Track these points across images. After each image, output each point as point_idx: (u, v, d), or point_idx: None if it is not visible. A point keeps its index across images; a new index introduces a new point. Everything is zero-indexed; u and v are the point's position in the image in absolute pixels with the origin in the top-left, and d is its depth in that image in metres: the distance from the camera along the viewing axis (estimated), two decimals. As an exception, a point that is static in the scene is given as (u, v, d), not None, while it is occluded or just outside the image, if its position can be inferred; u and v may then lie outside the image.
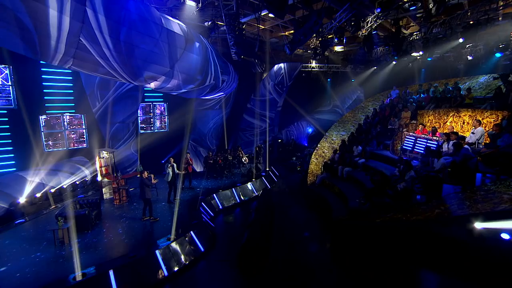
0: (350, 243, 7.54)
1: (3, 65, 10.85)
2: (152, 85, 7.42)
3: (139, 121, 15.40)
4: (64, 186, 10.58)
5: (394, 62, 15.34)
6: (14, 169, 11.20)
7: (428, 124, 10.07)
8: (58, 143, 12.49)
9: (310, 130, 23.34)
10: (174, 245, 7.20)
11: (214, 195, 11.06)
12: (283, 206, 11.18)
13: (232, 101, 18.02)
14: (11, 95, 11.11)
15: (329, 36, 12.52)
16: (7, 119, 11.17)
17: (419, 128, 9.65)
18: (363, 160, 11.12)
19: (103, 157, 9.86)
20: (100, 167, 9.92)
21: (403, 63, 15.23)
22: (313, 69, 18.91)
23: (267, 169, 14.88)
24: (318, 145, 14.41)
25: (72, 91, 12.60)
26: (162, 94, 15.94)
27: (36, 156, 11.58)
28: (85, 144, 13.31)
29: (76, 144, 13.04)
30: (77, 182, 11.10)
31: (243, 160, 15.09)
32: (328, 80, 21.15)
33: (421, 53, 12.70)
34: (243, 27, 9.49)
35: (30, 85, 11.42)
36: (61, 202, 9.85)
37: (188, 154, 11.43)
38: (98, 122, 12.99)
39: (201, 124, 17.07)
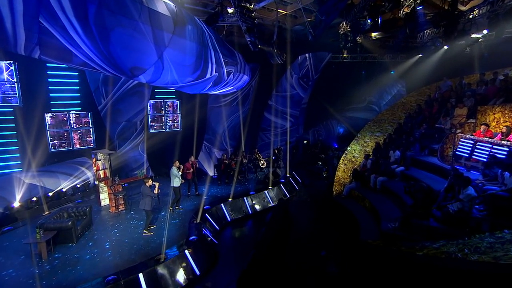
0: (380, 276, 6.12)
1: (8, 61, 10.93)
2: (142, 78, 6.67)
3: (149, 120, 15.06)
4: (64, 189, 10.38)
5: (445, 47, 13.04)
6: (20, 169, 11.29)
7: (494, 123, 8.15)
8: (64, 143, 12.46)
9: (341, 130, 21.55)
10: (162, 267, 6.37)
11: (222, 205, 10.14)
12: (301, 220, 9.93)
13: (251, 98, 17.04)
14: (17, 92, 11.19)
15: (361, 20, 10.96)
16: (13, 117, 11.27)
17: (481, 129, 7.81)
18: (402, 168, 9.48)
19: (99, 159, 9.43)
20: (97, 170, 9.50)
21: (458, 48, 12.82)
22: (344, 60, 17.19)
23: (288, 175, 13.66)
24: (348, 148, 12.91)
25: (78, 87, 12.50)
26: (174, 90, 15.44)
27: (42, 156, 11.61)
28: (92, 144, 13.20)
29: (82, 144, 12.96)
30: (78, 186, 10.87)
31: (260, 164, 14.02)
32: (363, 72, 19.20)
33: (485, 32, 10.35)
34: (251, 7, 8.41)
35: (35, 81, 11.42)
36: (57, 207, 9.59)
37: (192, 157, 10.65)
38: (104, 120, 12.78)
39: (215, 122, 16.33)
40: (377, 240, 7.05)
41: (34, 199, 9.46)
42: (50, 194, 9.96)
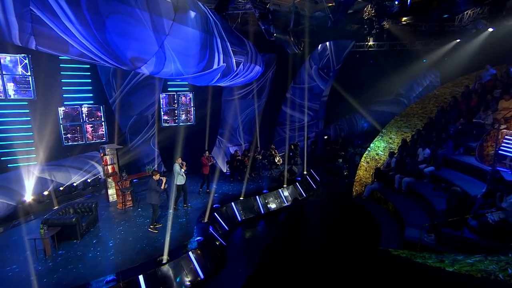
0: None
1: (23, 55, 11.23)
2: (145, 69, 6.48)
3: (162, 113, 15.09)
4: (74, 184, 10.60)
5: (490, 30, 11.59)
6: (35, 162, 11.68)
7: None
8: (77, 137, 12.75)
9: (365, 125, 20.56)
10: (164, 269, 6.22)
11: (233, 203, 9.89)
12: (317, 222, 9.47)
13: (267, 90, 16.59)
14: (31, 86, 11.52)
15: (388, 2, 10.10)
16: (28, 110, 11.63)
17: (529, 125, 6.90)
18: (432, 168, 8.72)
19: (107, 154, 9.47)
20: (105, 165, 9.57)
21: (506, 30, 11.33)
22: (369, 49, 16.21)
23: (305, 172, 13.17)
24: (371, 145, 12.19)
25: (90, 80, 12.68)
26: (187, 83, 15.32)
27: (55, 150, 11.95)
28: (104, 138, 13.42)
29: (95, 138, 13.21)
30: (89, 180, 11.07)
31: (276, 161, 13.60)
32: (390, 61, 18.03)
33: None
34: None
35: (48, 74, 11.65)
36: (68, 201, 9.80)
37: (207, 152, 10.47)
38: (115, 114, 12.91)
39: (230, 116, 16.06)
40: (400, 249, 6.47)
41: (46, 193, 9.72)
42: (61, 188, 10.20)
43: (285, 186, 11.33)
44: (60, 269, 6.15)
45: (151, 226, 7.89)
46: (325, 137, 19.06)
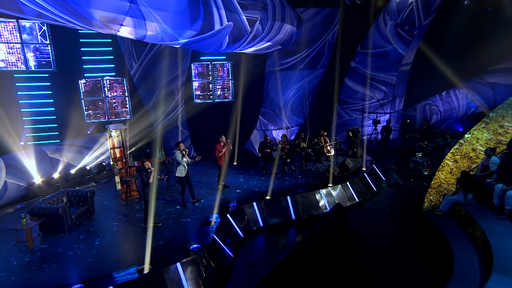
0: None
1: (41, 20, 12.12)
2: (124, 31, 6.02)
3: (194, 87, 14.98)
4: (87, 167, 11.28)
5: None
6: (58, 140, 12.86)
7: None
8: (99, 113, 13.55)
9: (472, 105, 17.09)
10: (141, 281, 5.95)
11: (255, 203, 9.16)
12: (364, 241, 8.07)
13: (326, 58, 14.95)
14: (51, 56, 12.47)
15: None
16: (49, 83, 12.70)
17: None
18: None
19: (113, 136, 9.65)
20: (113, 148, 9.81)
21: None
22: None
23: (364, 168, 11.58)
24: (466, 136, 9.86)
25: (111, 48, 13.15)
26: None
27: (77, 127, 12.94)
28: (128, 116, 14.00)
29: (118, 115, 13.86)
30: (104, 163, 11.67)
31: (325, 151, 12.26)
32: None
33: None
34: None
35: (67, 43, 12.45)
36: (79, 185, 10.51)
37: (224, 137, 9.86)
38: (137, 87, 13.24)
39: (275, 92, 15.05)
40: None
41: (55, 176, 10.54)
42: (73, 171, 10.94)
43: (330, 185, 10.08)
44: (33, 267, 6.38)
45: (151, 224, 7.77)
46: (408, 121, 16.56)
